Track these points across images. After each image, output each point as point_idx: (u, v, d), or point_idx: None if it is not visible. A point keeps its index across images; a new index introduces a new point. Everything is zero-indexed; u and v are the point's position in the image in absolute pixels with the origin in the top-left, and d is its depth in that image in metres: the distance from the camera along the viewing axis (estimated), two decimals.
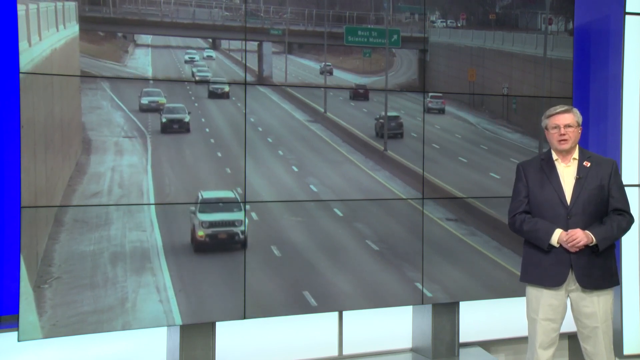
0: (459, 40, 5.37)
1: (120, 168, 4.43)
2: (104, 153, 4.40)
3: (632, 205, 4.14)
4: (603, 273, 3.82)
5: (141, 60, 4.57)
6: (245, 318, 4.69)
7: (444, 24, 5.33)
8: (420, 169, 5.19)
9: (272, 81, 4.88)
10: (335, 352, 5.26)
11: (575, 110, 3.93)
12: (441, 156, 5.28)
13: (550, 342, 3.88)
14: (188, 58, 4.68)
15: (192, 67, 4.69)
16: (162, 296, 4.46)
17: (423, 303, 5.18)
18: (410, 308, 5.41)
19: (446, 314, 5.31)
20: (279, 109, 4.89)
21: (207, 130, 4.68)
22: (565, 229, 3.77)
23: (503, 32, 5.48)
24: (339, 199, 4.98)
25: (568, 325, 3.98)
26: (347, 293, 4.95)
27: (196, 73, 4.69)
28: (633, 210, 4.01)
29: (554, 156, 3.93)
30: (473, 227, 5.33)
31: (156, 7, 4.59)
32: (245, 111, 4.74)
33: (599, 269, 3.80)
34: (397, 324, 5.41)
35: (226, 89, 4.73)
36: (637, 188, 5.60)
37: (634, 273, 5.63)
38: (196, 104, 4.67)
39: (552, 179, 3.88)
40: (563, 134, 3.84)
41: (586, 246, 3.74)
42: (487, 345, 5.57)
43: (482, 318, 5.54)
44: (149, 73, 4.57)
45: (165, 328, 4.69)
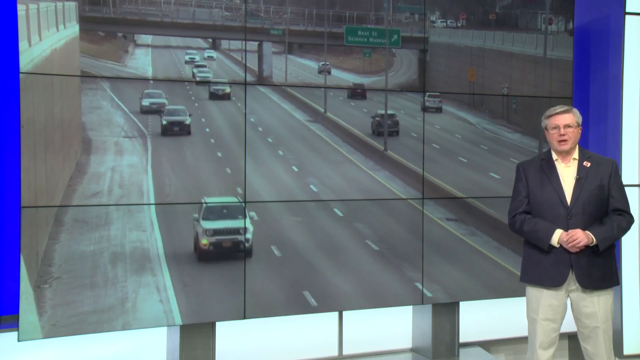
0: (459, 40, 5.37)
1: (120, 168, 4.43)
2: (104, 153, 4.40)
3: (632, 205, 4.13)
4: (603, 273, 3.82)
5: (141, 60, 4.57)
6: (245, 318, 4.68)
7: (444, 24, 5.33)
8: (420, 169, 5.19)
9: (272, 81, 4.88)
10: (335, 352, 5.26)
11: (575, 110, 3.92)
12: (441, 156, 5.27)
13: (550, 342, 3.88)
14: (188, 58, 4.67)
15: (193, 68, 4.68)
16: (162, 296, 4.46)
17: (423, 303, 5.18)
18: (410, 308, 5.41)
19: (446, 314, 5.31)
20: (279, 109, 4.89)
21: (207, 130, 4.68)
22: (565, 229, 3.77)
23: (503, 32, 5.48)
24: (339, 199, 4.98)
25: (568, 325, 3.98)
26: (347, 293, 4.95)
27: (197, 74, 4.68)
28: (633, 210, 4.01)
29: (554, 156, 3.93)
30: (473, 227, 5.33)
31: (156, 7, 4.59)
32: (245, 111, 4.74)
33: (599, 269, 3.80)
34: (397, 324, 5.41)
35: (227, 90, 4.72)
36: (637, 188, 5.60)
37: (634, 273, 5.63)
38: (196, 104, 4.67)
39: (552, 179, 3.88)
40: (563, 134, 3.83)
41: (586, 246, 3.74)
42: (487, 345, 5.57)
43: (482, 318, 5.54)
44: (149, 73, 4.56)
45: (165, 328, 4.69)
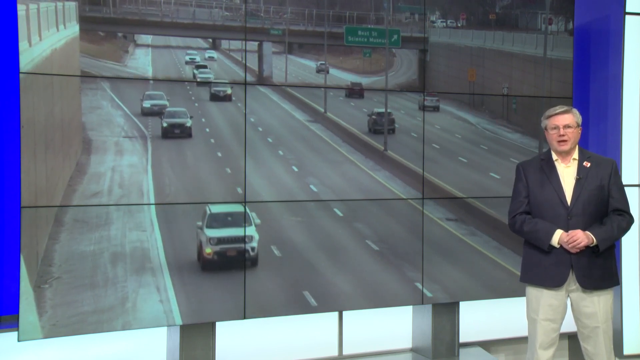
0: (459, 40, 5.37)
1: (120, 168, 4.43)
2: (104, 153, 4.40)
3: (632, 205, 4.14)
4: (603, 273, 3.82)
5: (141, 60, 4.56)
6: (245, 318, 4.68)
7: (444, 24, 5.33)
8: (420, 169, 5.19)
9: (272, 81, 4.88)
10: (335, 352, 5.26)
11: (574, 110, 3.92)
12: (441, 156, 5.27)
13: (550, 343, 3.88)
14: (189, 59, 4.67)
15: (194, 69, 4.67)
16: (162, 296, 4.46)
17: (423, 303, 5.18)
18: (410, 308, 5.41)
19: (446, 314, 5.31)
20: (279, 109, 4.89)
21: (207, 130, 4.68)
22: (565, 230, 3.77)
23: (503, 32, 5.48)
24: (339, 199, 4.98)
25: (568, 325, 3.98)
26: (347, 293, 4.95)
27: (198, 75, 4.67)
28: (633, 210, 4.01)
29: (554, 156, 3.93)
30: (473, 227, 5.33)
31: (156, 7, 4.59)
32: (245, 111, 4.74)
33: (599, 269, 3.80)
34: (397, 324, 5.41)
35: (228, 92, 4.71)
36: (637, 188, 5.60)
37: (634, 273, 5.63)
38: (196, 104, 4.67)
39: (552, 180, 3.88)
40: (562, 135, 3.83)
41: (586, 247, 3.74)
42: (487, 345, 5.57)
43: (482, 318, 5.54)
44: (149, 73, 4.56)
45: (165, 328, 4.69)
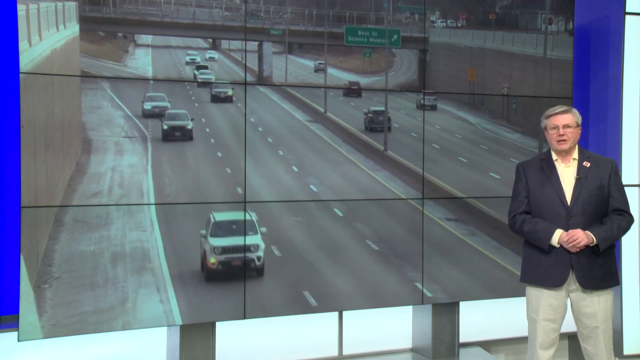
0: (459, 40, 5.37)
1: (120, 168, 4.43)
2: (104, 153, 4.40)
3: (632, 205, 4.14)
4: (603, 273, 3.82)
5: (141, 60, 4.56)
6: (245, 318, 4.68)
7: (444, 24, 5.33)
8: (420, 169, 5.19)
9: (272, 81, 4.88)
10: (335, 352, 5.26)
11: (574, 110, 3.92)
12: (441, 156, 5.27)
13: (550, 343, 3.88)
14: (189, 59, 4.66)
15: (194, 70, 4.66)
16: (162, 296, 4.46)
17: (423, 303, 5.18)
18: (410, 308, 5.41)
19: (446, 314, 5.31)
20: (279, 109, 4.89)
21: (207, 130, 4.68)
22: (565, 229, 3.77)
23: (503, 32, 5.48)
24: (339, 199, 4.98)
25: (568, 325, 3.98)
26: (347, 293, 4.95)
27: (198, 76, 4.67)
28: (633, 210, 4.01)
29: (554, 156, 3.93)
30: (473, 227, 5.33)
31: (156, 7, 4.59)
32: (245, 111, 4.74)
33: (599, 269, 3.80)
34: (397, 324, 5.41)
35: (229, 93, 4.70)
36: (637, 188, 5.60)
37: (634, 273, 5.63)
38: (196, 104, 4.67)
39: (552, 179, 3.88)
40: (562, 135, 3.83)
41: (586, 246, 3.74)
42: (487, 345, 5.57)
43: (482, 318, 5.54)
44: (149, 73, 4.56)
45: (165, 328, 4.69)
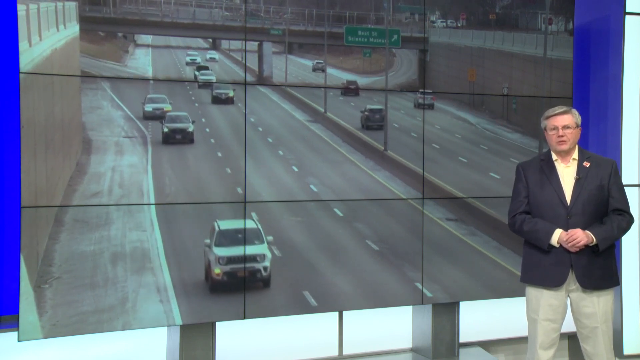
0: (459, 40, 5.37)
1: (120, 168, 4.43)
2: (104, 153, 4.40)
3: (632, 205, 4.14)
4: (603, 273, 3.82)
5: (141, 60, 4.56)
6: (245, 318, 4.69)
7: (444, 24, 5.33)
8: (420, 169, 5.19)
9: (272, 81, 4.88)
10: (335, 352, 5.26)
11: (574, 111, 3.92)
12: (441, 156, 5.27)
13: (550, 343, 3.88)
14: (189, 60, 4.66)
15: (195, 71, 4.66)
16: (162, 296, 4.46)
17: (423, 303, 5.18)
18: (410, 308, 5.41)
19: (446, 314, 5.31)
20: (279, 109, 4.89)
21: (207, 130, 4.68)
22: (565, 229, 3.77)
23: (503, 32, 5.48)
24: (339, 199, 4.98)
25: (568, 325, 3.98)
26: (347, 293, 4.95)
27: (199, 77, 4.67)
28: (633, 210, 4.01)
29: (554, 157, 3.93)
30: (473, 227, 5.33)
31: (156, 7, 4.59)
32: (245, 111, 4.74)
33: (599, 269, 3.80)
34: (397, 324, 5.41)
35: (230, 94, 4.70)
36: (637, 188, 5.60)
37: (634, 273, 5.63)
38: (196, 104, 4.67)
39: (552, 180, 3.88)
40: (561, 136, 3.83)
41: (586, 246, 3.74)
42: (487, 345, 5.57)
43: (482, 318, 5.54)
44: (149, 73, 4.56)
45: (165, 328, 4.69)
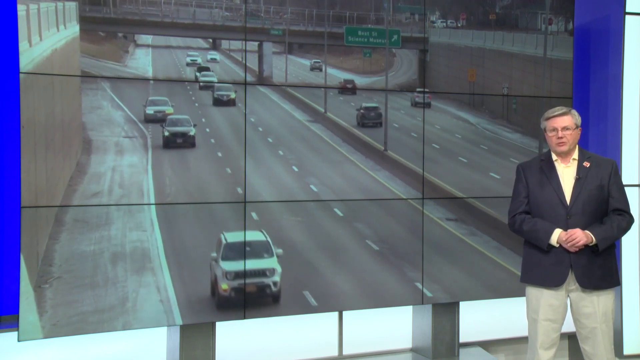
0: (459, 40, 5.37)
1: (120, 168, 4.43)
2: (105, 153, 4.40)
3: (632, 205, 4.14)
4: (603, 273, 3.81)
5: (141, 60, 4.57)
6: (245, 318, 4.69)
7: (444, 24, 5.33)
8: (420, 169, 5.19)
9: (272, 81, 4.88)
10: (335, 352, 5.26)
11: (573, 111, 3.91)
12: (441, 156, 5.28)
13: (551, 343, 3.87)
14: (190, 60, 4.66)
15: (196, 71, 4.66)
16: (163, 296, 4.46)
17: (423, 303, 5.18)
18: (410, 308, 5.41)
19: (446, 314, 5.31)
20: (279, 109, 4.89)
21: (207, 130, 4.68)
22: (565, 229, 3.77)
23: (503, 32, 5.48)
24: (339, 199, 4.98)
25: (568, 325, 3.98)
26: (347, 293, 4.95)
27: (200, 77, 4.66)
28: (633, 210, 4.01)
29: (554, 157, 3.93)
30: (473, 227, 5.33)
31: (156, 7, 4.59)
32: (245, 111, 4.74)
33: (599, 269, 3.80)
34: (397, 324, 5.41)
35: (232, 96, 4.69)
36: (637, 188, 5.60)
37: (634, 273, 5.63)
38: (196, 104, 4.67)
39: (552, 180, 3.88)
40: (561, 137, 3.83)
41: (586, 246, 3.74)
42: (487, 345, 5.57)
43: (482, 318, 5.54)
44: (150, 73, 4.56)
45: (165, 328, 4.69)
